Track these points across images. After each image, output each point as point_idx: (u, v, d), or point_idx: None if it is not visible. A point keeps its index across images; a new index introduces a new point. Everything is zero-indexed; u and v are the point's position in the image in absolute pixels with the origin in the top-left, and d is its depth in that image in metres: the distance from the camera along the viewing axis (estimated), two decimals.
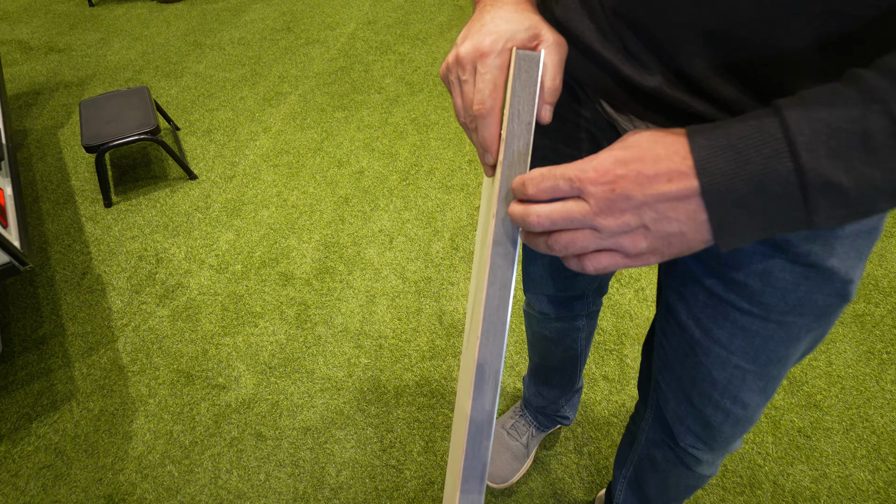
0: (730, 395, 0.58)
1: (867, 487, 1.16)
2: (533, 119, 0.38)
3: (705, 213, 0.30)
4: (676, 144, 0.31)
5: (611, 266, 0.34)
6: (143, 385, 1.36)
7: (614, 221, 0.31)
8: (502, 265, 0.39)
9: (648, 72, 0.42)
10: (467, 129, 0.43)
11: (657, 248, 0.32)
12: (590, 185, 0.31)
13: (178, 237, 1.75)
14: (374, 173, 1.94)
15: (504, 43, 0.39)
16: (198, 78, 2.48)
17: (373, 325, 1.48)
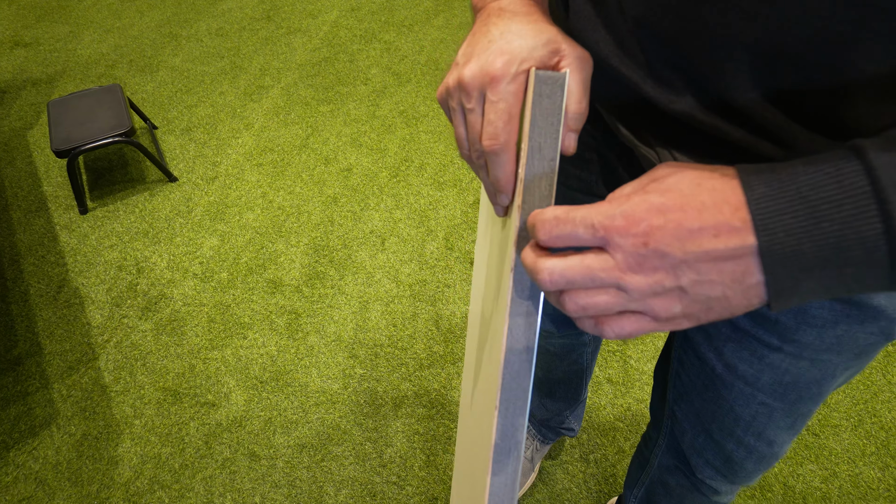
0: (754, 432, 0.53)
1: (877, 486, 1.14)
2: (557, 154, 0.32)
3: (761, 276, 0.25)
4: (727, 191, 0.25)
5: (635, 332, 0.28)
6: (127, 405, 1.30)
7: (644, 281, 0.26)
8: (523, 326, 0.33)
9: (675, 93, 0.36)
10: (473, 164, 0.36)
11: (693, 312, 0.27)
12: (617, 237, 0.26)
13: (159, 244, 1.67)
14: (362, 170, 1.87)
15: (519, 64, 0.32)
16: (174, 72, 2.37)
17: (367, 333, 1.42)
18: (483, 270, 0.50)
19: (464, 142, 0.36)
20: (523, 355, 0.33)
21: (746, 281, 0.25)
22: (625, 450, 1.19)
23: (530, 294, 0.33)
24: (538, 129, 0.32)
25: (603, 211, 0.26)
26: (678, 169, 0.27)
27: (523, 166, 0.32)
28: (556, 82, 0.32)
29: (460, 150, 0.37)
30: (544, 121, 0.32)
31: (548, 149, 0.32)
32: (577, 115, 0.33)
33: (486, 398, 0.39)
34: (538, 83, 0.32)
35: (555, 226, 0.27)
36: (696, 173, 0.27)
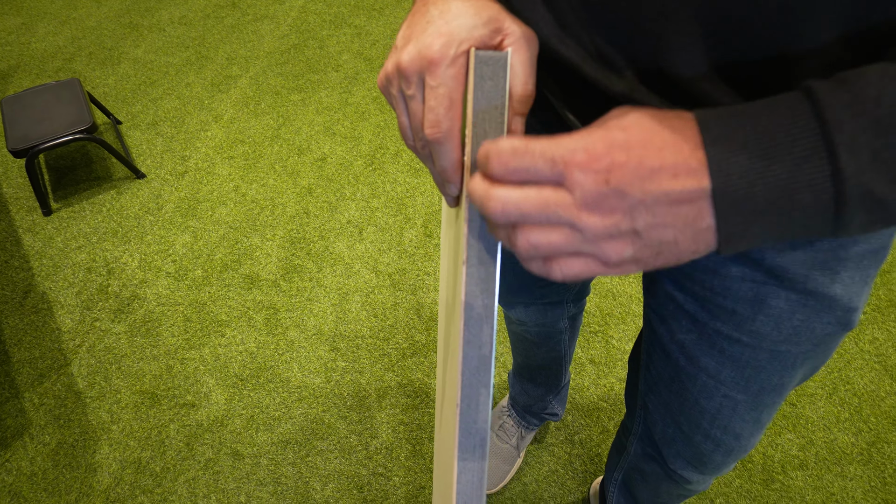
0: (720, 425, 0.54)
1: (851, 450, 1.17)
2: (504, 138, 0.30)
3: (712, 220, 0.24)
4: (685, 130, 0.24)
5: (582, 274, 0.26)
6: (103, 411, 1.27)
7: (601, 222, 0.24)
8: (478, 321, 0.32)
9: (616, 72, 0.34)
10: (420, 154, 0.34)
11: (643, 257, 0.25)
12: (578, 172, 0.24)
13: (129, 244, 1.62)
14: (337, 159, 1.83)
15: (458, 45, 0.30)
16: (137, 64, 2.28)
17: (348, 325, 1.40)
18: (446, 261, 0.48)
19: (407, 131, 0.34)
20: (481, 350, 0.32)
21: (697, 224, 0.24)
22: (609, 429, 1.20)
23: (485, 286, 0.31)
24: (482, 114, 0.30)
25: (564, 144, 0.24)
26: (637, 108, 0.26)
27: (469, 154, 0.30)
28: (497, 62, 0.29)
29: (405, 140, 0.34)
30: (488, 104, 0.30)
31: (493, 134, 0.30)
32: (523, 97, 0.31)
33: (450, 397, 0.38)
34: (479, 64, 0.29)
35: (511, 157, 0.25)
36: (656, 111, 0.25)
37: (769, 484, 1.12)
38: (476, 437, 0.32)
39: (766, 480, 1.12)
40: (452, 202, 0.35)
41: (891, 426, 1.19)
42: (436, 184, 0.35)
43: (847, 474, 1.13)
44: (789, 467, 1.15)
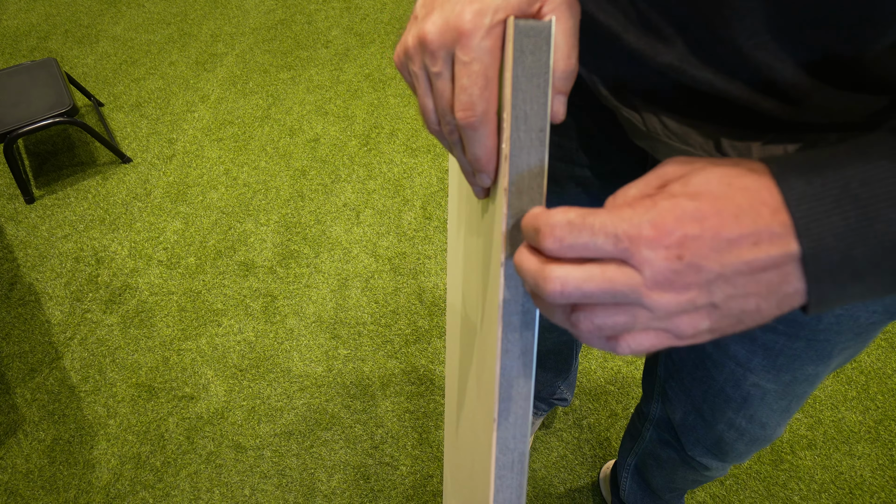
0: (746, 414, 0.51)
1: (859, 428, 1.17)
2: (547, 123, 0.26)
3: (802, 284, 0.22)
4: (761, 190, 0.21)
5: (653, 348, 0.24)
6: (99, 405, 1.23)
7: (674, 300, 0.22)
8: (518, 326, 0.28)
9: (663, 42, 0.30)
10: (445, 140, 0.30)
11: (721, 327, 0.23)
12: (646, 249, 0.21)
13: (117, 231, 1.56)
14: (330, 140, 1.77)
15: (493, 14, 0.26)
16: (117, 42, 2.18)
17: (348, 312, 1.37)
18: (459, 254, 0.45)
19: (431, 114, 0.29)
20: (522, 358, 0.29)
21: (783, 290, 0.22)
22: (617, 413, 1.19)
23: (523, 290, 0.28)
24: (522, 94, 0.26)
25: (627, 217, 0.22)
26: (698, 166, 0.23)
27: (507, 140, 0.26)
28: (540, 34, 0.25)
29: (427, 124, 0.30)
30: (529, 83, 0.26)
31: (535, 117, 0.26)
32: (567, 73, 0.27)
33: (481, 406, 0.35)
34: (519, 36, 0.25)
35: (568, 233, 0.22)
36: (723, 170, 0.22)
37: (778, 464, 1.12)
38: (515, 453, 0.29)
39: (776, 461, 1.12)
40: (482, 193, 0.31)
41: None
42: (463, 173, 0.31)
43: (855, 453, 1.13)
44: (798, 447, 1.14)
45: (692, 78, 0.30)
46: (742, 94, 0.30)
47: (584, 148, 0.49)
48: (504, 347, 0.28)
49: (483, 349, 0.34)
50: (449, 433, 0.56)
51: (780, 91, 0.28)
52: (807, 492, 1.08)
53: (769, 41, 0.27)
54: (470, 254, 0.39)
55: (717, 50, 0.29)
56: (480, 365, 0.35)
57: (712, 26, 0.28)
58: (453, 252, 0.48)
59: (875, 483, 1.09)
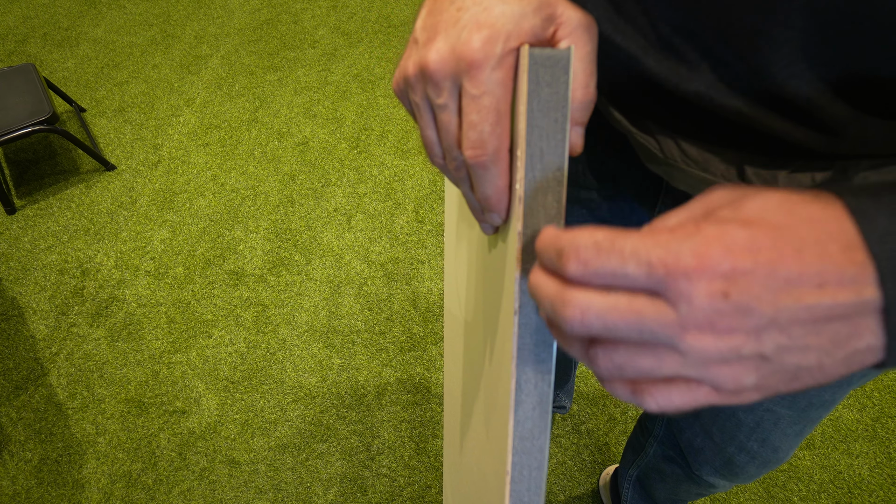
0: (758, 438, 0.50)
1: (856, 426, 1.17)
2: (565, 160, 0.24)
3: (881, 339, 0.18)
4: (830, 222, 0.18)
5: (686, 405, 0.21)
6: (87, 422, 1.20)
7: (714, 345, 0.18)
8: (533, 378, 0.26)
9: (688, 67, 0.28)
10: (451, 175, 0.28)
11: (770, 385, 0.20)
12: (685, 282, 0.18)
13: (103, 242, 1.52)
14: (319, 143, 1.74)
15: (504, 42, 0.23)
16: (97, 45, 2.12)
17: (341, 320, 1.35)
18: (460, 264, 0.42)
19: (436, 147, 0.27)
20: (537, 409, 0.27)
21: (852, 345, 0.18)
22: (616, 417, 1.18)
23: (545, 340, 0.26)
24: (538, 130, 0.24)
25: (663, 243, 0.18)
26: (752, 192, 0.20)
27: (521, 180, 0.24)
28: (558, 63, 0.23)
29: (431, 157, 0.28)
30: (545, 117, 0.23)
31: (552, 154, 0.24)
32: (585, 103, 0.25)
33: (491, 450, 0.33)
34: (535, 67, 0.23)
35: (595, 256, 0.19)
36: (783, 196, 0.19)
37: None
38: None
39: None
40: (490, 230, 0.29)
41: (894, 401, 1.19)
42: (471, 210, 0.28)
43: (853, 451, 1.13)
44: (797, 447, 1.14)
45: (720, 106, 0.28)
46: (774, 123, 0.28)
47: (591, 170, 0.47)
48: (518, 399, 0.27)
49: (493, 393, 0.32)
50: (449, 450, 0.54)
51: (817, 121, 0.27)
52: (806, 492, 1.08)
53: (805, 70, 0.25)
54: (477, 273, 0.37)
55: (747, 78, 0.27)
56: (491, 406, 0.34)
57: (743, 54, 0.26)
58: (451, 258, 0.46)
59: (873, 481, 1.09)
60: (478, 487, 0.38)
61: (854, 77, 0.24)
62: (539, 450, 0.28)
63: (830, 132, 0.27)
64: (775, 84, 0.26)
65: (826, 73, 0.25)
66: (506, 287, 0.28)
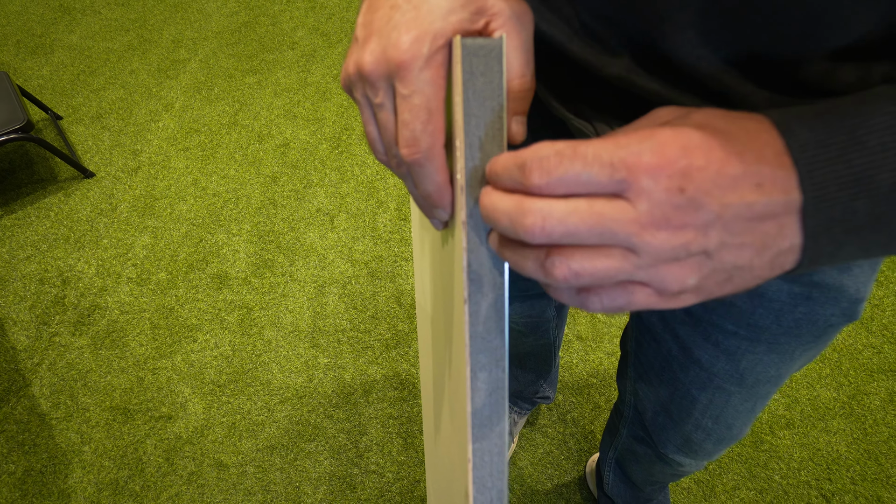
0: (711, 416, 0.52)
1: (833, 405, 1.20)
2: (504, 149, 0.24)
3: (799, 238, 0.20)
4: (762, 132, 0.20)
5: (627, 307, 0.22)
6: (72, 432, 1.19)
7: (668, 241, 0.19)
8: (487, 365, 0.27)
9: (609, 53, 0.29)
10: (395, 171, 0.28)
11: (707, 286, 0.21)
12: (646, 178, 0.19)
13: (83, 250, 1.51)
14: (300, 144, 1.74)
15: (432, 40, 0.24)
16: (73, 51, 2.10)
17: (326, 320, 1.35)
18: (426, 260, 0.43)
19: (378, 144, 0.28)
20: (492, 397, 0.28)
21: (778, 244, 0.20)
22: (601, 405, 1.19)
23: (497, 328, 0.27)
24: (475, 119, 0.24)
25: (624, 145, 0.19)
26: (697, 108, 0.21)
27: (462, 170, 0.24)
28: (490, 53, 0.23)
29: (375, 154, 0.28)
30: (481, 107, 0.24)
31: (490, 144, 0.24)
32: (522, 92, 0.26)
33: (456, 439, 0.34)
34: (467, 57, 0.23)
35: (557, 164, 0.20)
36: (725, 111, 0.21)
37: (759, 445, 1.14)
38: (493, 491, 0.28)
39: (756, 442, 1.14)
40: (440, 226, 0.30)
41: (868, 378, 1.22)
42: (418, 206, 0.29)
43: (831, 429, 1.15)
44: (777, 427, 1.17)
45: (641, 89, 0.30)
46: (691, 104, 0.29)
47: None
48: (473, 387, 0.27)
49: (454, 384, 0.33)
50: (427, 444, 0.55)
51: (730, 101, 0.28)
52: (787, 470, 1.10)
53: (711, 52, 0.26)
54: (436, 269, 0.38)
55: (662, 62, 0.28)
56: (453, 396, 0.34)
57: (655, 39, 0.27)
58: (419, 255, 0.47)
59: (851, 457, 1.11)
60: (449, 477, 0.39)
61: (754, 57, 0.26)
62: (498, 435, 0.29)
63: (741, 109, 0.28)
64: (687, 66, 0.27)
65: (729, 54, 0.26)
66: (455, 276, 0.29)
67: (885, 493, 1.06)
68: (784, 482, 1.09)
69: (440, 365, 0.40)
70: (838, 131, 0.19)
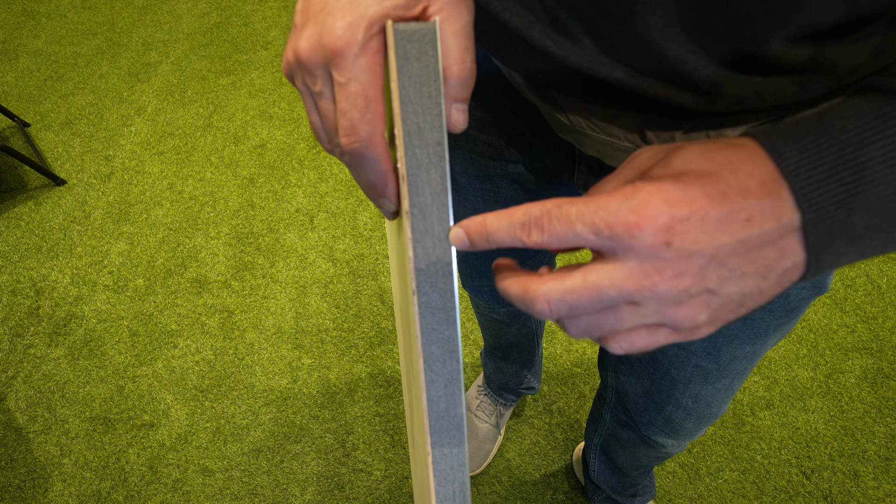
0: (691, 394, 0.53)
1: (811, 384, 1.22)
2: (444, 135, 0.24)
3: (802, 255, 0.21)
4: (745, 162, 0.20)
5: (650, 346, 0.23)
6: (50, 444, 1.17)
7: (666, 290, 0.20)
8: (440, 356, 0.27)
9: (571, 40, 0.29)
10: (341, 159, 0.28)
11: (721, 316, 0.22)
12: (627, 238, 0.20)
13: (57, 259, 1.48)
14: (277, 145, 1.72)
15: (367, 26, 0.23)
16: (38, 57, 2.05)
17: (309, 320, 1.34)
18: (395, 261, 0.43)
19: (321, 133, 0.27)
20: (449, 387, 0.27)
21: (781, 265, 0.20)
22: (585, 394, 1.21)
23: (445, 316, 0.26)
24: (412, 106, 0.23)
25: (604, 205, 0.20)
26: (675, 147, 0.22)
27: (402, 158, 0.24)
28: (424, 37, 0.23)
29: (320, 143, 0.28)
30: (418, 93, 0.23)
31: (430, 130, 0.24)
32: (462, 78, 0.25)
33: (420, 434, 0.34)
34: (401, 42, 0.23)
35: (548, 222, 0.21)
36: (702, 146, 0.21)
37: (740, 427, 1.16)
38: (455, 484, 0.28)
39: (738, 424, 1.16)
40: (391, 216, 0.29)
41: (843, 357, 1.25)
42: (367, 196, 0.29)
43: (809, 408, 1.18)
44: (757, 408, 1.19)
45: (604, 77, 0.30)
46: (656, 89, 0.29)
47: (513, 144, 0.49)
48: (429, 378, 0.27)
49: (414, 376, 0.33)
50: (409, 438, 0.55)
51: (694, 83, 0.28)
52: (768, 450, 1.13)
53: (680, 33, 0.26)
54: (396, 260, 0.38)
55: (627, 48, 0.28)
56: (416, 390, 0.34)
57: (622, 23, 0.27)
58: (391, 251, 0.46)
59: (828, 434, 1.14)
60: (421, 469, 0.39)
61: (722, 39, 0.26)
62: (456, 427, 0.28)
63: (707, 93, 0.29)
64: (656, 49, 0.27)
65: (698, 35, 0.26)
66: (406, 271, 0.28)
67: (862, 468, 1.09)
68: (766, 461, 1.11)
69: (407, 358, 0.40)
70: (828, 150, 0.20)
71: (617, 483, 0.90)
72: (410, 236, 0.24)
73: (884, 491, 1.06)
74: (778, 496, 1.07)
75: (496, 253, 0.64)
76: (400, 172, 0.24)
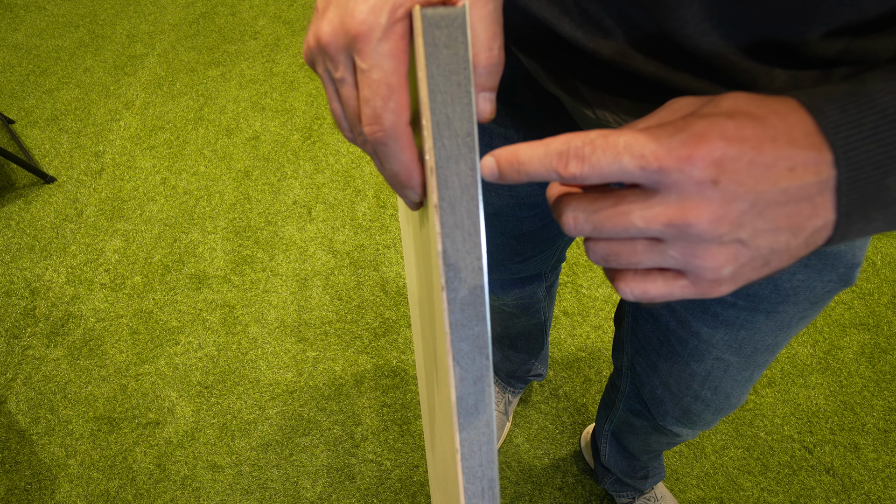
0: (710, 386, 0.53)
1: (810, 360, 1.24)
2: (474, 124, 0.23)
3: (832, 215, 0.20)
4: (791, 113, 0.20)
5: (663, 296, 0.22)
6: (55, 446, 1.16)
7: (700, 231, 0.20)
8: (470, 352, 0.26)
9: (603, 33, 0.29)
10: (363, 148, 0.27)
11: (744, 273, 0.21)
12: (677, 172, 0.19)
13: (50, 258, 1.45)
14: (271, 136, 1.69)
15: (391, 10, 0.22)
16: (19, 51, 1.99)
17: (312, 313, 1.33)
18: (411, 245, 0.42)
19: (343, 121, 0.26)
20: (477, 385, 0.27)
21: (812, 224, 0.20)
22: (591, 378, 1.22)
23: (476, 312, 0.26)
24: (441, 95, 0.22)
25: (655, 137, 0.19)
26: (721, 95, 0.21)
27: (430, 150, 0.23)
28: (453, 23, 0.21)
29: (341, 131, 0.27)
30: (447, 81, 0.22)
31: (459, 120, 0.22)
32: (490, 66, 0.24)
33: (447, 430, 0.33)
34: (429, 28, 0.21)
35: (591, 153, 0.20)
36: (751, 94, 0.21)
37: (744, 405, 1.18)
38: (484, 481, 0.28)
39: None
40: (414, 206, 0.28)
41: (841, 333, 1.27)
42: (390, 185, 0.28)
43: (809, 384, 1.20)
44: (759, 386, 1.21)
45: (636, 69, 0.29)
46: (689, 83, 0.29)
47: (532, 138, 0.48)
48: (458, 375, 0.26)
49: (440, 372, 0.33)
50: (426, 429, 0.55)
51: (729, 77, 0.28)
52: (770, 426, 1.15)
53: (716, 27, 0.26)
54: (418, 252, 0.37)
55: (662, 41, 0.27)
56: (440, 385, 0.34)
57: (657, 16, 0.26)
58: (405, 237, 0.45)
59: (829, 409, 1.16)
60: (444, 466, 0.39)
61: (756, 33, 0.25)
62: (486, 424, 0.28)
63: (741, 86, 0.28)
64: (690, 44, 0.27)
65: (733, 29, 0.26)
66: (433, 262, 0.27)
67: (862, 440, 1.12)
68: (769, 438, 1.13)
69: (429, 352, 0.39)
70: (869, 111, 0.19)
71: (627, 467, 0.91)
72: (439, 230, 0.23)
73: (883, 462, 1.09)
74: (782, 471, 1.09)
75: (504, 247, 0.63)
76: (428, 164, 0.23)
